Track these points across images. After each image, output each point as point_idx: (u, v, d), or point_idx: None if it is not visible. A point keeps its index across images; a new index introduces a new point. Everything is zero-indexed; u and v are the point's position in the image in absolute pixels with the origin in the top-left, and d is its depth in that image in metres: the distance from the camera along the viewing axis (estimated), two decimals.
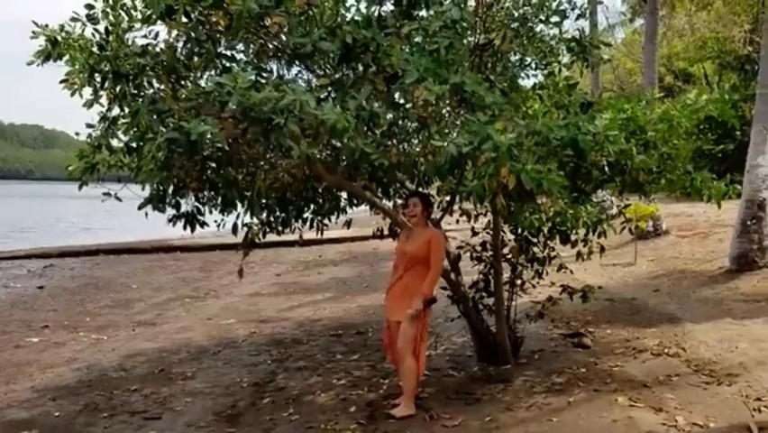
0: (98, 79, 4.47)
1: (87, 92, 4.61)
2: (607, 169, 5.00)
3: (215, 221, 5.68)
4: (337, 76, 4.89)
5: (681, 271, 9.28)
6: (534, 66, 5.60)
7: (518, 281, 6.07)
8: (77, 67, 4.55)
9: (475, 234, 6.08)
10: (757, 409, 4.34)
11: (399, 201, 6.43)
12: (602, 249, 5.79)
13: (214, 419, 4.88)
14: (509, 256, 5.95)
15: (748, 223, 8.56)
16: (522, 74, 5.62)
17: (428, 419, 4.58)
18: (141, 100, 4.46)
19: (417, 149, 5.64)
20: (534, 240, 5.95)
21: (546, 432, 4.23)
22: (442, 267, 4.98)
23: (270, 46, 4.93)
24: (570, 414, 4.50)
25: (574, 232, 5.63)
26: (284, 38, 4.75)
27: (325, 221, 6.44)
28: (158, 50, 4.70)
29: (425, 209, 4.96)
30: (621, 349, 6.06)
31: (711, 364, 5.35)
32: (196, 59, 4.69)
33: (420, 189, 5.60)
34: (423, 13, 4.71)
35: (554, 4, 5.33)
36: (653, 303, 7.85)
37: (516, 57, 5.59)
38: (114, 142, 4.74)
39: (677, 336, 6.32)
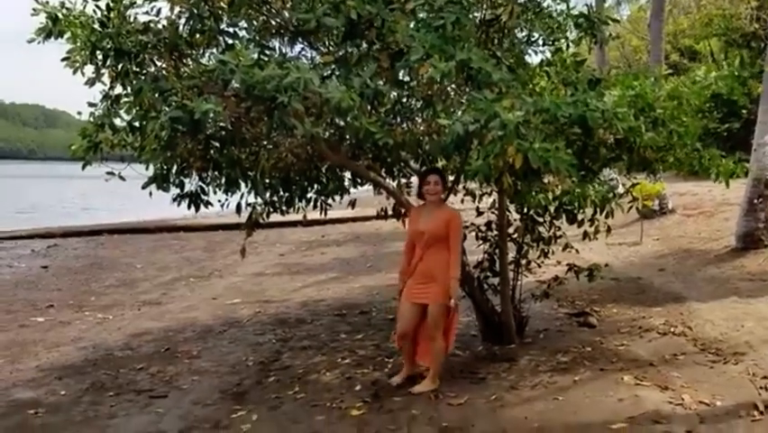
0: (100, 57, 4.42)
1: (89, 70, 4.56)
2: (614, 147, 4.96)
3: (219, 201, 5.65)
4: (341, 53, 4.83)
5: (686, 251, 9.26)
6: (541, 42, 5.52)
7: (524, 261, 6.05)
8: (78, 44, 4.49)
9: (480, 213, 6.05)
10: (764, 387, 4.33)
11: (404, 181, 6.41)
12: (609, 229, 5.74)
13: (221, 397, 4.90)
14: (515, 236, 5.92)
15: (755, 201, 8.51)
16: (529, 50, 5.55)
17: (433, 398, 4.58)
18: (143, 78, 4.41)
19: (422, 128, 5.59)
20: (540, 219, 5.92)
21: (552, 410, 4.23)
22: (460, 247, 4.86)
23: (273, 23, 4.87)
24: (575, 393, 4.50)
25: (581, 211, 5.58)
26: (287, 14, 4.70)
27: (329, 201, 6.41)
28: (160, 26, 4.63)
29: (444, 186, 4.89)
30: (627, 328, 6.05)
31: (717, 343, 5.34)
32: (198, 36, 4.64)
33: (436, 166, 5.52)
34: None
35: None
36: (659, 282, 7.83)
37: (524, 33, 5.51)
38: (117, 122, 4.69)
39: (683, 315, 6.31)
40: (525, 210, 5.83)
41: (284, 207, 6.03)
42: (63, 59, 4.49)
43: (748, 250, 8.35)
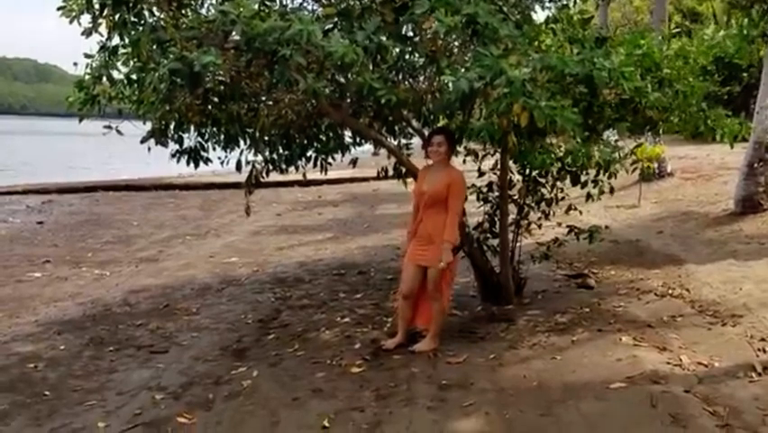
0: (97, 6, 4.28)
1: (86, 20, 4.43)
2: (619, 107, 4.90)
3: (219, 158, 5.59)
4: (344, 5, 4.71)
5: (684, 213, 9.25)
6: None
7: (524, 223, 6.03)
8: None
9: (481, 174, 5.99)
10: (761, 348, 4.35)
11: (404, 140, 6.33)
12: (612, 190, 5.71)
13: (221, 354, 4.92)
14: (516, 197, 5.89)
15: (755, 165, 8.45)
16: (535, 7, 5.43)
17: (432, 357, 4.60)
18: (141, 29, 4.29)
19: (424, 85, 5.49)
20: (543, 180, 5.87)
21: (550, 369, 4.25)
22: (460, 211, 4.78)
23: None
24: (573, 353, 4.51)
25: (585, 172, 5.54)
26: None
27: (329, 160, 6.34)
28: None
29: (450, 146, 4.76)
30: (625, 290, 6.07)
31: (715, 305, 5.36)
32: None
33: (444, 126, 5.43)
34: None
35: None
36: (657, 245, 7.84)
37: None
38: (115, 74, 4.59)
39: (681, 277, 6.32)
40: (528, 171, 5.78)
41: (284, 166, 5.97)
42: (59, 9, 4.36)
43: (747, 213, 8.32)
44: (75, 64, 4.58)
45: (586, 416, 3.55)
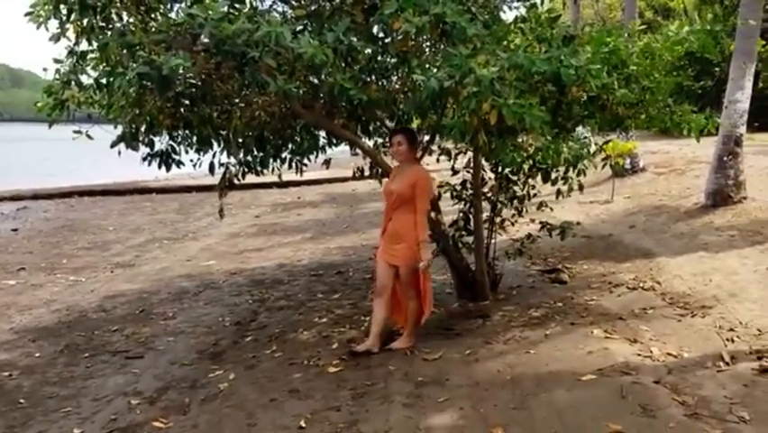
0: (64, 11, 4.24)
1: (53, 25, 4.40)
2: (587, 104, 4.96)
3: (191, 160, 5.56)
4: (313, 7, 4.73)
5: (657, 208, 9.39)
6: None
7: (498, 219, 6.09)
8: None
9: (455, 173, 6.05)
10: (730, 339, 4.45)
11: (380, 140, 6.37)
12: (581, 186, 5.79)
13: (198, 357, 4.91)
14: (489, 195, 5.95)
15: (724, 159, 8.60)
16: (503, 7, 5.48)
17: (409, 354, 4.64)
18: (109, 33, 4.26)
19: (397, 85, 5.53)
20: (515, 178, 5.94)
21: (524, 363, 4.31)
22: (427, 209, 4.81)
23: None
24: (546, 346, 4.58)
25: (555, 169, 5.61)
26: None
27: (304, 161, 6.35)
28: None
29: (411, 145, 4.83)
30: (597, 284, 6.16)
31: (686, 297, 5.46)
32: None
33: (404, 125, 5.48)
34: None
35: None
36: (629, 239, 7.96)
37: None
38: (84, 78, 4.55)
39: (652, 270, 6.43)
40: (500, 169, 5.84)
41: (258, 167, 5.96)
42: (27, 14, 4.32)
43: (717, 206, 8.47)
44: (45, 69, 4.55)
45: (558, 408, 3.60)
